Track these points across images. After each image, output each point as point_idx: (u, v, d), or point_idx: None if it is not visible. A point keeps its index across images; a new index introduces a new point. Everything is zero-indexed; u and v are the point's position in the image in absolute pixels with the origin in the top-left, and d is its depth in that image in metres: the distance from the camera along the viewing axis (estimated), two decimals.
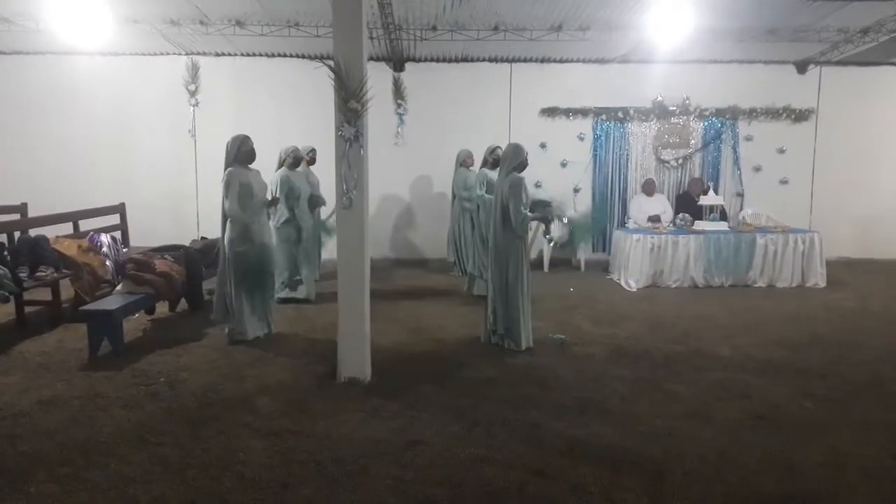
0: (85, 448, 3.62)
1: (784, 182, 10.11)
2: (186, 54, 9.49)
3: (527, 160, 5.58)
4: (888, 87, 10.11)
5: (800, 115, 10.01)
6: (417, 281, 8.51)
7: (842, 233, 9.93)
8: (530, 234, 5.92)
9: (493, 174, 7.41)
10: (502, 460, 3.51)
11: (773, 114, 9.99)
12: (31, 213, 8.15)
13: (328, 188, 6.03)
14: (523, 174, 5.56)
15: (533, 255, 9.11)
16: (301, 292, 7.15)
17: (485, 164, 7.79)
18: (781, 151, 10.06)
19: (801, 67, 9.93)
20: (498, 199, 5.53)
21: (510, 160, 5.53)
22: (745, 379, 4.83)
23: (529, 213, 5.49)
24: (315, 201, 7.41)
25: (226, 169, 5.58)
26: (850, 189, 10.15)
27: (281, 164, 7.09)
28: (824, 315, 6.86)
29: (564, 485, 3.26)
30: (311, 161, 7.85)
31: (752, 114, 9.97)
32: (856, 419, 4.14)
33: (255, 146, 5.70)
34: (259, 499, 3.12)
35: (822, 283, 8.28)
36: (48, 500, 3.09)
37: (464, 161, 8.22)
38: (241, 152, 5.61)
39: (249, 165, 5.72)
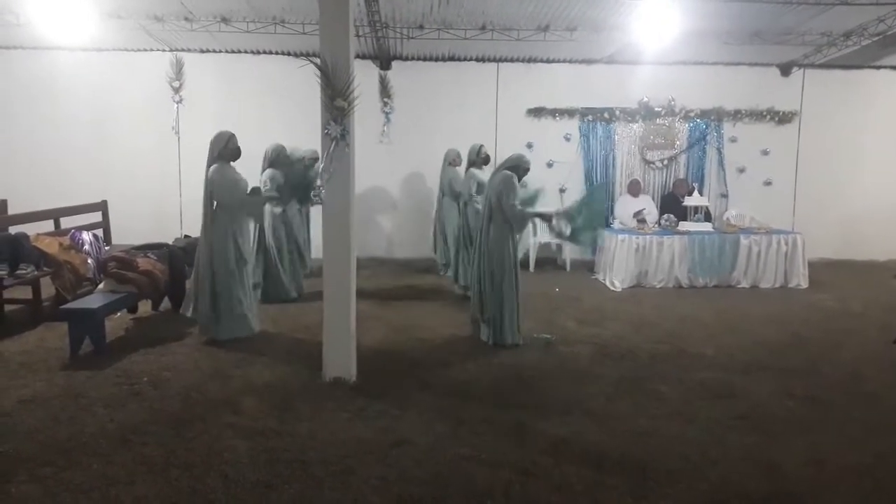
0: (66, 448, 3.57)
1: (768, 183, 10.20)
2: (171, 51, 9.38)
3: (527, 167, 5.68)
4: (870, 90, 10.22)
5: (783, 118, 10.10)
6: (403, 280, 8.49)
7: (824, 234, 10.00)
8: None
9: (481, 174, 7.42)
10: (487, 460, 3.52)
11: (757, 115, 10.07)
12: (11, 211, 8.06)
13: None
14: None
15: (519, 254, 9.14)
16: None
17: (472, 164, 7.65)
18: (765, 153, 10.14)
19: (785, 70, 10.03)
20: (488, 196, 5.54)
21: (510, 161, 5.63)
22: (728, 379, 4.88)
23: (530, 210, 5.53)
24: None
25: (209, 165, 5.54)
26: (831, 191, 10.25)
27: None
28: (806, 315, 6.93)
29: (549, 484, 3.28)
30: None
31: (736, 115, 10.04)
32: (837, 418, 4.19)
33: (239, 144, 5.69)
34: (243, 499, 3.11)
35: (805, 284, 8.37)
36: (29, 501, 3.06)
37: (452, 160, 8.18)
38: (227, 149, 5.58)
39: (232, 163, 5.69)
